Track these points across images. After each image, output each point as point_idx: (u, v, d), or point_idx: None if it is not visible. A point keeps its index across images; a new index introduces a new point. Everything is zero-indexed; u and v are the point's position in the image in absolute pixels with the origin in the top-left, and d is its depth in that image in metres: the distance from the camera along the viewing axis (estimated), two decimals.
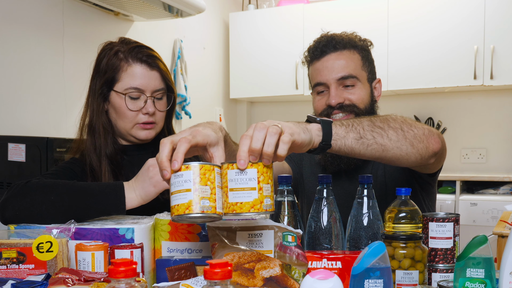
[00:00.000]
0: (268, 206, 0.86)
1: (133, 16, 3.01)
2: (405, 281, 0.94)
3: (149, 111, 1.38)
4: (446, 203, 3.29)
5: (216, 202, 0.86)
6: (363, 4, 3.69)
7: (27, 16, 2.43)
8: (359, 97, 1.47)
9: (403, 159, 1.12)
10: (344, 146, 1.03)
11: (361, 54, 1.51)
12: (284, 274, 0.91)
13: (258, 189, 0.85)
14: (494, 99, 3.71)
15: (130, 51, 1.38)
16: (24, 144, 2.00)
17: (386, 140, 1.07)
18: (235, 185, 0.86)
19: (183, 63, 3.58)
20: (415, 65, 3.54)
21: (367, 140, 1.05)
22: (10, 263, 0.95)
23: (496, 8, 3.33)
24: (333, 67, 1.47)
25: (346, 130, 1.03)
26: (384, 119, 1.10)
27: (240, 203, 0.85)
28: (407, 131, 1.10)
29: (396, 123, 1.10)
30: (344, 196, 1.32)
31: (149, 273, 1.04)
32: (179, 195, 0.85)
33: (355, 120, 1.07)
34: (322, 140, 1.00)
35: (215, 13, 4.10)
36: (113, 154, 1.39)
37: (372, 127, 1.06)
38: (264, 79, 4.00)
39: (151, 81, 1.38)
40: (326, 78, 1.48)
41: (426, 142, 1.13)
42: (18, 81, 2.39)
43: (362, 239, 1.09)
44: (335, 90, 1.47)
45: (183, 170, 0.86)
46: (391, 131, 1.08)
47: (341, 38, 1.50)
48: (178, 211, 0.85)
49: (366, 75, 1.51)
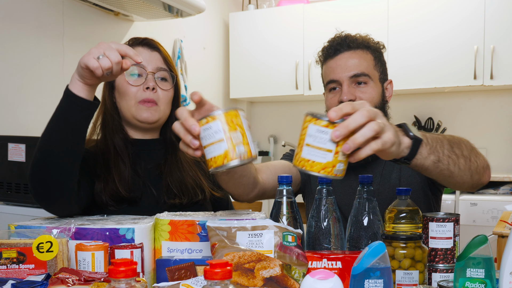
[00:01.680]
0: (339, 171, 0.85)
1: (133, 16, 3.01)
2: (405, 281, 0.94)
3: (150, 85, 1.38)
4: (446, 203, 3.29)
5: (249, 145, 0.87)
6: (363, 4, 3.69)
7: (27, 16, 2.43)
8: (370, 95, 1.48)
9: (458, 186, 1.15)
10: (421, 166, 1.04)
11: (373, 54, 1.53)
12: (284, 274, 0.91)
13: (335, 153, 0.84)
14: (494, 99, 3.71)
15: (133, 40, 1.45)
16: (24, 144, 2.00)
17: (456, 168, 1.09)
18: (313, 141, 0.84)
19: (183, 63, 3.58)
20: (415, 65, 3.54)
21: (442, 164, 1.06)
22: (10, 263, 0.95)
23: (496, 8, 3.33)
24: (346, 65, 1.49)
25: (429, 151, 1.03)
26: (459, 144, 1.12)
27: (313, 161, 0.84)
28: (473, 162, 1.13)
29: (467, 151, 1.13)
30: (351, 195, 1.32)
31: (149, 273, 1.04)
32: (213, 147, 0.86)
33: (438, 141, 1.07)
34: (405, 158, 1.00)
35: (215, 13, 4.10)
36: (120, 143, 1.39)
37: (450, 153, 1.08)
38: (264, 79, 4.00)
39: (152, 59, 1.41)
40: (339, 75, 1.49)
41: (482, 174, 1.17)
42: (18, 81, 2.39)
43: (362, 239, 1.09)
44: (348, 87, 1.48)
45: (210, 122, 0.87)
46: (462, 159, 1.10)
47: (355, 38, 1.53)
48: (217, 163, 0.86)
49: (378, 75, 1.53)
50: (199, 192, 1.41)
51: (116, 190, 1.31)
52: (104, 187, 1.31)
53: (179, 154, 1.45)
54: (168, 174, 1.40)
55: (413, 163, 1.01)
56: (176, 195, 1.38)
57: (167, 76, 1.43)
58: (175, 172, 1.41)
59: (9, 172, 2.04)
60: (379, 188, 1.45)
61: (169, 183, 1.39)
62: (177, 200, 1.37)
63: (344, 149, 0.84)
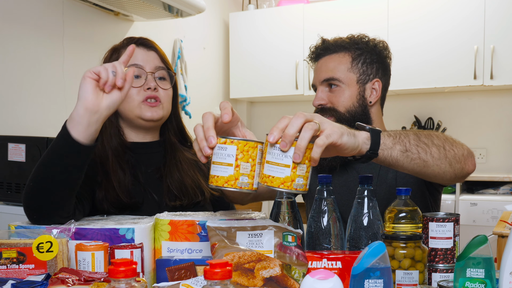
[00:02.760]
0: (300, 186, 0.88)
1: (133, 16, 3.01)
2: (405, 281, 0.94)
3: (151, 86, 1.38)
4: (446, 203, 3.29)
5: (254, 178, 0.90)
6: (363, 4, 3.69)
7: (27, 16, 2.43)
8: (340, 99, 1.50)
9: (439, 177, 1.14)
10: (389, 157, 1.05)
11: (353, 55, 1.52)
12: (284, 274, 0.91)
13: (292, 168, 0.87)
14: (494, 99, 3.71)
15: (127, 40, 1.44)
16: (24, 144, 2.00)
17: (429, 156, 1.09)
18: (271, 158, 0.88)
19: (183, 63, 3.58)
20: (415, 65, 3.54)
21: (411, 154, 1.07)
22: (10, 263, 0.95)
23: (496, 8, 3.33)
24: (320, 69, 1.54)
25: (393, 141, 1.05)
26: (428, 135, 1.12)
27: (272, 177, 0.87)
28: (449, 150, 1.13)
29: (439, 141, 1.13)
30: (351, 195, 1.32)
31: (149, 273, 1.04)
32: (220, 167, 0.89)
33: (402, 133, 1.09)
34: (369, 149, 1.01)
35: (215, 13, 4.10)
36: (118, 149, 1.38)
37: (417, 142, 1.08)
38: (264, 79, 4.00)
39: (150, 59, 1.41)
40: (314, 80, 1.56)
41: (464, 163, 1.16)
42: (18, 81, 2.39)
43: (362, 239, 1.09)
44: (320, 92, 1.53)
45: (228, 144, 0.89)
46: (434, 148, 1.10)
47: (333, 42, 1.55)
48: (217, 182, 0.89)
49: (356, 76, 1.52)
50: (198, 193, 1.41)
51: (117, 197, 1.30)
52: (105, 195, 1.30)
53: (178, 154, 1.45)
54: (167, 176, 1.39)
55: (381, 155, 1.03)
56: (177, 196, 1.37)
57: (166, 75, 1.44)
58: (175, 173, 1.40)
59: (9, 172, 2.04)
60: (376, 188, 1.46)
61: (169, 185, 1.38)
62: (178, 202, 1.37)
63: (295, 159, 0.87)
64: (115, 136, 1.39)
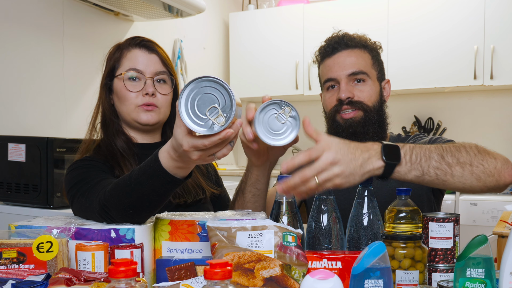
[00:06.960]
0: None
1: (133, 16, 3.01)
2: (405, 281, 0.94)
3: (149, 91, 1.37)
4: (446, 203, 3.29)
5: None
6: (363, 4, 3.68)
7: (27, 16, 2.43)
8: (368, 94, 1.49)
9: (466, 190, 1.13)
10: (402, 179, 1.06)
11: (371, 54, 1.53)
12: (284, 274, 0.91)
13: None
14: (494, 99, 3.71)
15: (130, 40, 1.42)
16: (24, 144, 2.00)
17: (448, 177, 1.08)
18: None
19: (183, 63, 3.58)
20: (415, 65, 3.53)
21: (428, 177, 1.06)
22: (10, 263, 0.95)
23: (496, 8, 3.33)
24: (344, 63, 1.49)
25: (409, 168, 1.05)
26: (456, 151, 1.10)
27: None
28: (477, 166, 1.10)
29: (467, 156, 1.10)
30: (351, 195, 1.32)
31: (149, 273, 1.04)
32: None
33: (424, 154, 1.07)
34: (379, 177, 1.03)
35: (215, 13, 4.10)
36: (126, 148, 1.38)
37: (439, 164, 1.07)
38: (264, 79, 4.00)
39: (150, 63, 1.39)
40: (337, 73, 1.49)
41: (498, 175, 1.13)
42: (18, 81, 2.39)
43: (362, 239, 1.09)
44: (346, 85, 1.48)
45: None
46: (457, 167, 1.08)
47: (353, 37, 1.53)
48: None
49: (376, 74, 1.53)
50: (200, 191, 1.43)
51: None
52: None
53: None
54: None
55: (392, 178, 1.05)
56: (181, 195, 1.38)
57: (167, 78, 1.42)
58: None
59: (9, 172, 2.04)
60: (377, 191, 1.45)
61: None
62: (182, 200, 1.38)
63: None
64: (118, 133, 1.40)
